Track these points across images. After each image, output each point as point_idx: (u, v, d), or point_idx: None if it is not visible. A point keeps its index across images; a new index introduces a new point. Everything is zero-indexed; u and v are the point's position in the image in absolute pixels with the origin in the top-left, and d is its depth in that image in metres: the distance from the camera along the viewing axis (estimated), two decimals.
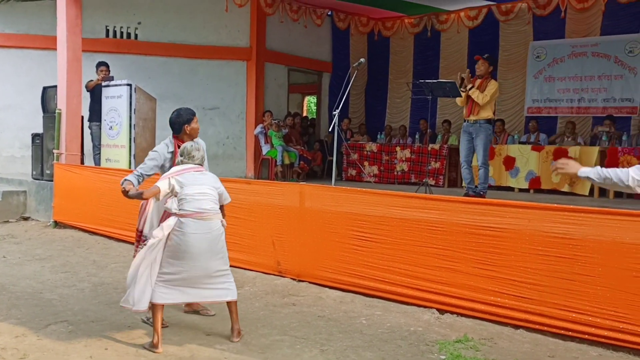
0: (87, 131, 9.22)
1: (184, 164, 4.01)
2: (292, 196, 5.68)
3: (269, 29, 11.78)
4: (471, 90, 7.31)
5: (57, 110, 8.71)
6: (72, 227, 8.28)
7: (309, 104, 18.91)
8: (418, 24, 12.62)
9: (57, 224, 8.50)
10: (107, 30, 10.94)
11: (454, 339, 4.03)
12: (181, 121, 4.31)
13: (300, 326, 4.31)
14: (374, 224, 5.09)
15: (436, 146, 10.60)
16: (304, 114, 17.11)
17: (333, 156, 7.51)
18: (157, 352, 3.73)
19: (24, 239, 7.70)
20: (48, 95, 9.32)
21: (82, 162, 9.11)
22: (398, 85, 13.01)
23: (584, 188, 8.76)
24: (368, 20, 13.04)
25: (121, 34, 11.02)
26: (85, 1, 9.23)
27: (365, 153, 11.41)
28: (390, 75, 13.30)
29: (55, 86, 8.91)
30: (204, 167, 4.09)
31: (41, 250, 6.97)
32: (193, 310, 4.59)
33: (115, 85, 8.67)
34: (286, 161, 10.88)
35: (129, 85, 8.49)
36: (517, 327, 4.24)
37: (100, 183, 7.80)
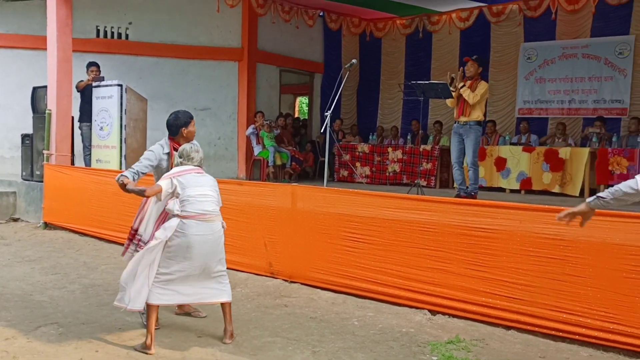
0: (78, 132, 9.17)
1: (184, 166, 4.00)
2: (284, 197, 5.68)
3: (260, 29, 11.77)
4: (462, 88, 7.34)
5: (47, 111, 8.66)
6: (63, 229, 8.23)
7: (301, 104, 18.90)
8: (410, 25, 12.65)
9: (47, 225, 8.44)
10: (98, 30, 10.88)
11: (445, 340, 4.04)
12: (179, 124, 4.29)
13: (292, 328, 4.31)
14: (366, 225, 5.10)
15: (428, 147, 10.62)
16: (296, 115, 17.10)
17: (325, 157, 7.50)
18: (150, 354, 3.72)
19: (14, 241, 7.64)
20: (38, 95, 9.26)
21: (73, 163, 9.07)
22: (390, 86, 13.03)
23: (575, 189, 8.81)
24: (360, 21, 13.05)
25: (112, 34, 10.97)
26: (76, 1, 9.18)
27: (357, 154, 11.42)
28: (382, 76, 13.32)
29: (45, 86, 8.86)
30: (202, 169, 4.09)
31: (31, 252, 6.91)
32: (184, 312, 4.57)
33: (106, 85, 8.63)
34: (278, 162, 10.86)
35: (120, 85, 8.45)
36: (509, 328, 4.25)
37: (90, 184, 7.76)
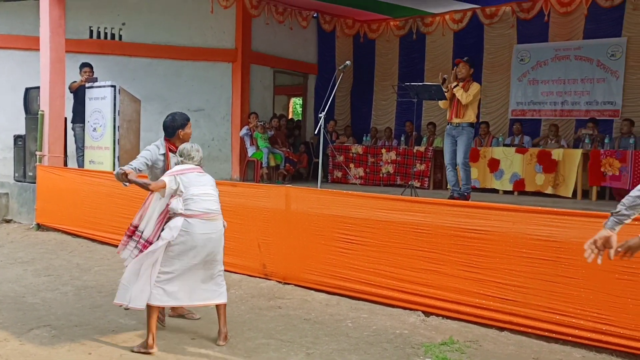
0: (70, 133, 9.14)
1: (185, 164, 4.01)
2: (278, 199, 5.68)
3: (254, 30, 11.76)
4: (455, 88, 7.36)
5: (40, 112, 8.63)
6: (55, 230, 8.20)
7: (295, 105, 18.91)
8: (403, 26, 12.68)
9: (40, 227, 8.41)
10: (91, 31, 10.83)
11: (439, 342, 4.04)
12: (175, 125, 4.30)
13: (286, 329, 4.30)
14: (360, 226, 5.10)
15: (421, 148, 10.64)
16: (290, 116, 17.11)
17: (319, 158, 7.50)
18: (151, 353, 3.73)
19: (6, 242, 7.61)
20: (31, 96, 9.23)
21: (65, 164, 9.04)
22: (384, 87, 13.05)
23: (567, 190, 8.85)
24: (354, 23, 13.07)
25: (105, 34, 10.93)
26: (69, 1, 9.15)
27: (351, 155, 11.43)
28: (376, 78, 13.33)
29: (38, 87, 8.83)
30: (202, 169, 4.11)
31: (23, 254, 6.88)
32: (178, 314, 4.56)
33: (99, 86, 8.61)
34: (272, 163, 10.86)
35: (113, 86, 8.44)
36: (502, 329, 4.26)
37: (83, 185, 7.73)
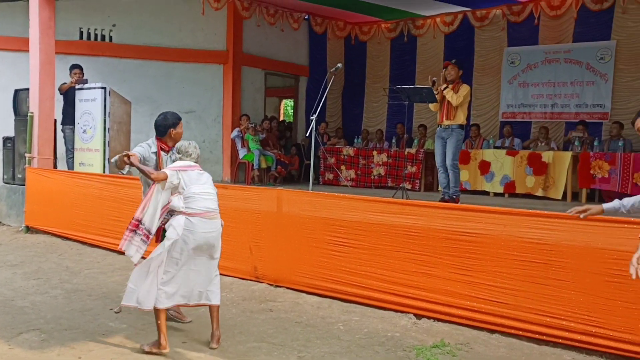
0: (60, 135, 9.08)
1: (184, 161, 4.02)
2: (270, 201, 5.67)
3: (245, 32, 11.75)
4: (445, 90, 7.39)
5: (30, 113, 8.57)
6: (45, 233, 8.14)
7: (286, 107, 18.89)
8: (395, 28, 12.71)
9: (29, 229, 8.35)
10: (81, 32, 10.77)
11: (430, 344, 4.05)
12: (167, 124, 4.32)
13: (278, 332, 4.30)
14: (351, 229, 5.11)
15: (412, 150, 10.67)
16: (281, 118, 17.09)
17: (310, 160, 7.50)
18: (164, 353, 3.77)
19: None
20: (20, 97, 9.17)
21: (55, 166, 8.98)
22: (375, 89, 13.07)
23: (558, 192, 8.90)
24: (345, 25, 13.08)
25: (95, 36, 10.87)
26: (59, 3, 9.10)
27: (342, 157, 11.44)
28: (367, 80, 13.36)
29: (28, 89, 8.78)
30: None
31: (13, 257, 6.83)
32: (169, 317, 4.53)
33: (89, 88, 8.56)
34: (263, 165, 10.84)
35: (103, 88, 8.39)
36: (493, 332, 4.28)
37: (73, 187, 7.69)
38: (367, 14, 12.25)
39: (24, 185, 8.50)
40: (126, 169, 4.17)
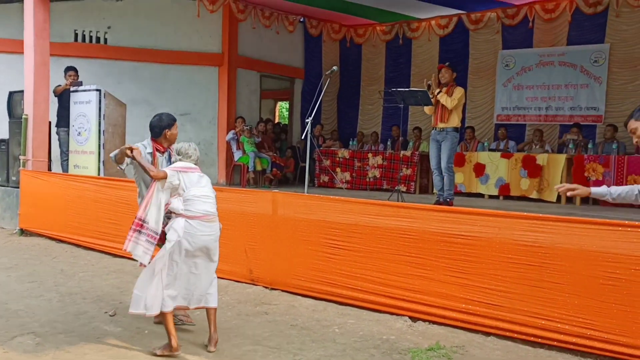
0: (55, 137, 9.06)
1: (184, 162, 4.02)
2: (265, 204, 5.67)
3: (241, 34, 11.74)
4: (439, 94, 7.42)
5: (24, 116, 8.54)
6: (39, 235, 8.11)
7: (281, 109, 18.88)
8: (390, 31, 12.75)
9: (24, 232, 8.32)
10: (76, 35, 10.76)
11: (426, 347, 4.06)
12: (162, 125, 4.32)
13: (273, 335, 4.29)
14: (347, 231, 5.11)
15: (407, 153, 10.69)
16: (276, 120, 17.08)
17: (305, 162, 7.51)
18: (176, 355, 3.77)
19: None
20: (14, 100, 9.14)
21: (50, 169, 8.95)
22: (370, 92, 13.11)
23: (552, 195, 8.94)
24: (340, 27, 13.11)
25: (90, 38, 10.85)
26: (54, 5, 9.08)
27: (337, 159, 11.44)
28: (363, 82, 13.39)
29: (22, 91, 8.74)
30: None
31: (7, 259, 6.79)
32: (178, 323, 4.51)
33: (84, 90, 8.53)
34: (258, 167, 10.83)
35: (98, 90, 8.37)
36: (488, 335, 4.29)
37: (68, 190, 7.66)
38: (363, 17, 12.29)
39: (19, 187, 8.47)
40: (125, 164, 4.15)
